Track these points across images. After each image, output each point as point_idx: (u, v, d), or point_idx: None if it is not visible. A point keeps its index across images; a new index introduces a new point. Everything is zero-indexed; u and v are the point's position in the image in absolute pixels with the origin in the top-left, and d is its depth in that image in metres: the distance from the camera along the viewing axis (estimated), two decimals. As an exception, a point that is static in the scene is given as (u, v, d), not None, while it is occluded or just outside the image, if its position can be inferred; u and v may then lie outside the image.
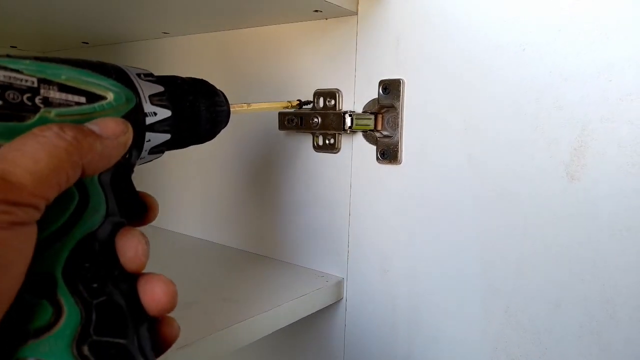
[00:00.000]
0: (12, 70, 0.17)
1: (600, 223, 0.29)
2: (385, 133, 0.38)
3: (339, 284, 0.41)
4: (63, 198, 0.18)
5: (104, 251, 0.19)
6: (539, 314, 0.32)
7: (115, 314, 0.18)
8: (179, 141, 0.26)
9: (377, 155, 0.39)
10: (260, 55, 0.46)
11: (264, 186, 0.47)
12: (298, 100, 0.41)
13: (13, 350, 0.16)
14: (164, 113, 0.24)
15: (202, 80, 0.29)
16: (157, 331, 0.21)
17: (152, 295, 0.19)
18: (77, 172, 0.17)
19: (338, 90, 0.41)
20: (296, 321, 0.38)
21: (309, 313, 0.39)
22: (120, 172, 0.22)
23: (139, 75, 0.23)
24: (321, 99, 0.41)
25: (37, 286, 0.17)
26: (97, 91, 0.20)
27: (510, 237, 0.33)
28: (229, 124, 0.31)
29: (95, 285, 0.18)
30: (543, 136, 0.31)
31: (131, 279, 0.20)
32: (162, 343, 0.21)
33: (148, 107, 0.23)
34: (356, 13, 0.39)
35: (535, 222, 0.32)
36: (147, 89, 0.23)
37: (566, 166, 0.30)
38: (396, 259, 0.38)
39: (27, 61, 0.18)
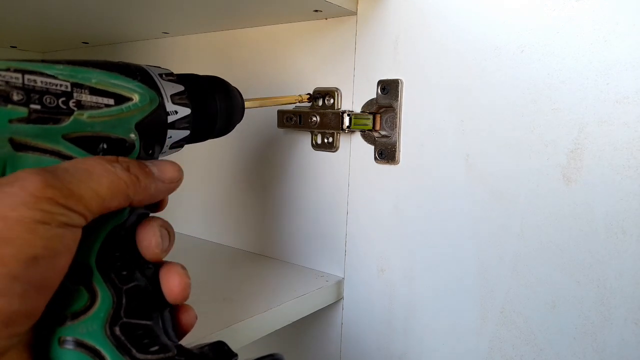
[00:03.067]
0: (48, 76, 0.19)
1: (596, 225, 0.29)
2: (383, 133, 0.38)
3: (339, 284, 0.42)
4: None
5: (131, 241, 0.21)
6: (534, 315, 0.32)
7: (143, 298, 0.20)
8: (197, 136, 0.27)
9: (375, 155, 0.39)
10: (259, 55, 0.47)
11: (263, 184, 0.48)
12: (308, 94, 0.42)
13: (53, 331, 0.18)
14: (184, 111, 0.25)
15: (218, 77, 0.31)
16: (176, 318, 0.23)
17: (168, 284, 0.21)
18: (126, 202, 0.20)
19: (337, 89, 0.41)
20: (293, 321, 0.38)
21: (309, 313, 0.39)
22: None
23: (160, 75, 0.24)
24: (320, 98, 0.42)
25: (75, 275, 0.19)
26: (124, 93, 0.21)
27: (507, 238, 0.33)
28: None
29: (124, 272, 0.20)
30: (540, 138, 0.31)
31: (154, 267, 0.22)
32: (181, 328, 0.23)
33: (170, 107, 0.24)
34: (355, 13, 0.39)
35: (532, 223, 0.32)
36: (168, 89, 0.24)
37: (563, 168, 0.30)
38: (393, 259, 0.39)
39: (61, 66, 0.20)
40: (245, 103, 0.32)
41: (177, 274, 0.22)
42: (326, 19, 0.41)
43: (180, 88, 0.25)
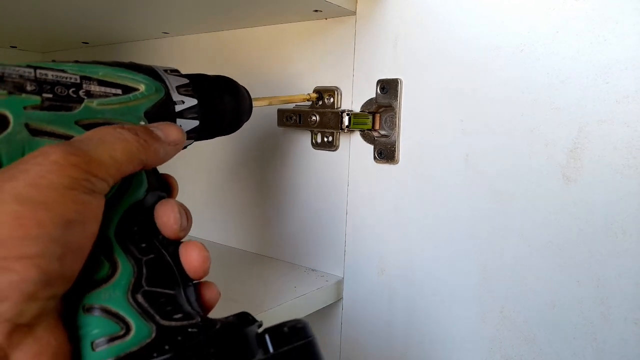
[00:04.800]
0: (57, 70, 0.21)
1: (595, 224, 0.29)
2: (382, 132, 0.38)
3: (339, 284, 0.42)
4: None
5: (148, 218, 0.22)
6: (534, 314, 0.32)
7: (163, 269, 0.21)
8: (206, 130, 0.29)
9: (374, 154, 0.39)
10: (259, 55, 0.47)
11: (262, 183, 0.48)
12: (316, 93, 0.42)
13: (79, 299, 0.19)
14: (190, 102, 0.26)
15: (226, 77, 0.32)
16: (199, 293, 0.23)
17: (188, 258, 0.22)
18: (140, 165, 0.21)
19: (337, 88, 0.41)
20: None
21: (309, 313, 0.39)
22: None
23: (165, 70, 0.26)
24: (320, 97, 0.42)
25: (96, 245, 0.19)
26: (130, 84, 0.23)
27: (506, 237, 0.33)
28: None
29: (143, 245, 0.21)
30: (540, 137, 0.31)
31: (175, 243, 0.23)
32: (205, 304, 0.23)
33: (176, 96, 0.26)
34: (355, 13, 0.39)
35: (531, 223, 0.32)
36: (174, 81, 0.26)
37: (562, 168, 0.30)
38: (393, 259, 0.39)
39: (69, 64, 0.22)
40: (254, 102, 0.34)
41: (196, 248, 0.22)
42: (326, 18, 0.41)
43: (185, 81, 0.27)
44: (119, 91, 0.23)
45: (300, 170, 0.44)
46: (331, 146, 0.42)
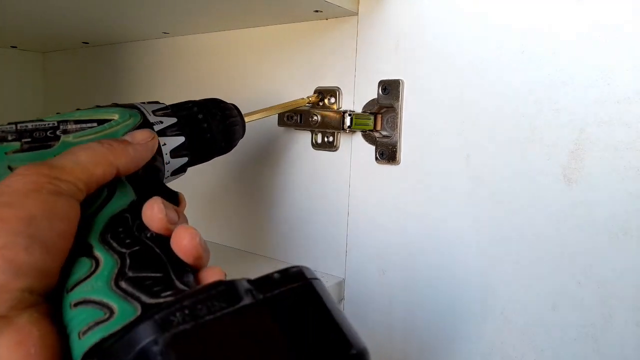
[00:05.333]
0: (37, 121, 0.23)
1: (597, 226, 0.29)
2: (384, 133, 0.38)
3: (340, 284, 0.42)
4: (95, 193, 0.22)
5: (135, 219, 0.22)
6: (535, 315, 0.32)
7: (149, 256, 0.21)
8: (197, 146, 0.30)
9: (376, 155, 0.39)
10: (260, 55, 0.46)
11: (262, 184, 0.48)
12: (316, 94, 0.42)
13: (66, 300, 0.19)
14: (169, 120, 0.29)
15: (213, 98, 0.34)
16: (200, 278, 0.22)
17: (179, 242, 0.22)
18: (112, 169, 0.22)
19: (338, 88, 0.41)
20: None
21: (309, 313, 0.39)
22: (149, 172, 0.27)
23: (143, 102, 0.28)
24: (321, 98, 0.42)
25: (77, 251, 0.20)
26: (104, 117, 0.25)
27: (507, 238, 0.33)
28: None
29: (128, 240, 0.21)
30: (541, 138, 0.31)
31: (165, 237, 0.22)
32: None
33: (153, 118, 0.28)
34: (356, 13, 0.39)
35: (532, 224, 0.32)
36: (150, 107, 0.28)
37: (564, 169, 0.30)
38: (394, 260, 0.39)
39: (50, 116, 0.24)
40: (246, 117, 0.35)
41: (187, 232, 0.22)
42: (327, 19, 0.41)
43: (162, 105, 0.29)
44: (94, 124, 0.24)
45: (300, 171, 0.44)
46: (332, 146, 0.42)
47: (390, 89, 0.37)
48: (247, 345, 0.15)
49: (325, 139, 0.42)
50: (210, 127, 0.32)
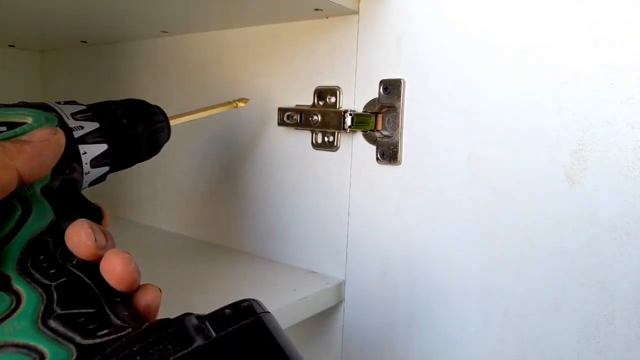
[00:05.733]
0: None
1: (599, 227, 0.29)
2: (385, 133, 0.38)
3: (340, 286, 0.41)
4: (6, 211, 0.19)
5: (58, 244, 0.20)
6: (537, 317, 0.32)
7: (79, 289, 0.18)
8: (120, 153, 0.28)
9: (376, 155, 0.39)
10: (260, 54, 0.46)
11: (262, 184, 0.47)
12: (244, 98, 0.42)
13: None
14: (91, 126, 0.26)
15: (132, 99, 0.31)
16: (134, 301, 0.20)
17: (110, 269, 0.19)
18: (10, 173, 0.19)
19: (339, 87, 0.41)
20: (293, 323, 0.38)
21: (310, 315, 0.39)
22: (67, 186, 0.23)
23: (59, 102, 0.25)
24: (321, 97, 0.41)
25: None
26: (15, 120, 0.22)
27: (509, 239, 0.33)
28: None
29: (52, 271, 0.19)
30: (543, 139, 0.31)
31: (93, 264, 0.20)
32: (143, 311, 0.20)
33: (72, 123, 0.25)
34: (357, 12, 0.39)
35: (535, 225, 0.31)
36: (68, 110, 0.25)
37: (566, 169, 0.30)
38: (395, 261, 0.38)
39: None
40: (171, 121, 0.33)
41: (119, 258, 0.19)
42: (327, 17, 0.41)
43: (82, 107, 0.26)
44: (4, 128, 0.21)
45: (300, 171, 0.44)
46: (332, 146, 0.41)
47: (391, 88, 0.37)
48: None
49: (326, 139, 0.42)
50: (135, 132, 0.29)
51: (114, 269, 0.19)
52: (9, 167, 0.19)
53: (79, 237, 0.19)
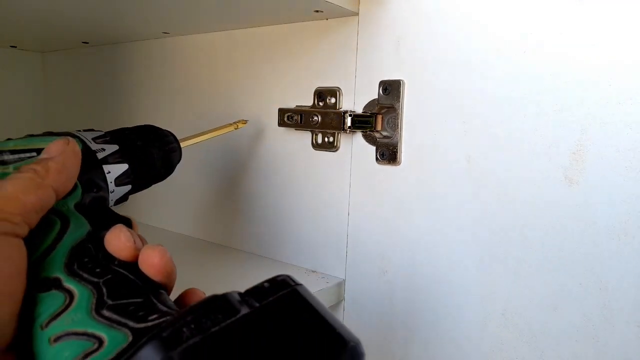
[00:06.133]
0: None
1: (598, 227, 0.29)
2: (384, 134, 0.38)
3: (340, 285, 0.42)
4: (47, 225, 0.21)
5: (98, 249, 0.22)
6: (535, 316, 0.32)
7: (126, 284, 0.20)
8: (140, 172, 0.30)
9: (376, 155, 0.39)
10: (260, 55, 0.46)
11: (263, 183, 0.47)
12: (244, 120, 0.45)
13: (42, 340, 0.18)
14: (111, 148, 0.28)
15: (145, 124, 0.34)
16: (182, 300, 0.22)
17: (150, 262, 0.21)
18: (46, 191, 0.21)
19: (339, 88, 0.41)
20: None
21: (309, 314, 0.39)
22: (96, 202, 0.26)
23: (79, 130, 0.28)
24: (321, 97, 0.41)
25: (44, 285, 0.19)
26: (43, 145, 0.24)
27: (508, 239, 0.33)
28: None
29: (98, 270, 0.20)
30: (542, 139, 0.31)
31: (133, 263, 0.22)
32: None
33: (94, 146, 0.28)
34: (357, 13, 0.39)
35: (533, 224, 0.32)
36: (89, 135, 0.28)
37: (565, 169, 0.30)
38: (394, 260, 0.38)
39: None
40: (182, 143, 0.36)
41: (155, 251, 0.21)
42: (327, 19, 0.41)
43: (100, 133, 0.29)
44: (34, 153, 0.24)
45: (300, 171, 0.44)
46: (332, 147, 0.42)
47: (391, 89, 0.37)
48: (255, 350, 0.16)
49: (326, 139, 0.42)
50: (150, 152, 0.32)
51: (152, 261, 0.20)
52: (43, 187, 0.21)
53: (119, 240, 0.21)
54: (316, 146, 0.43)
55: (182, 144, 0.36)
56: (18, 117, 0.71)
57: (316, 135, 0.43)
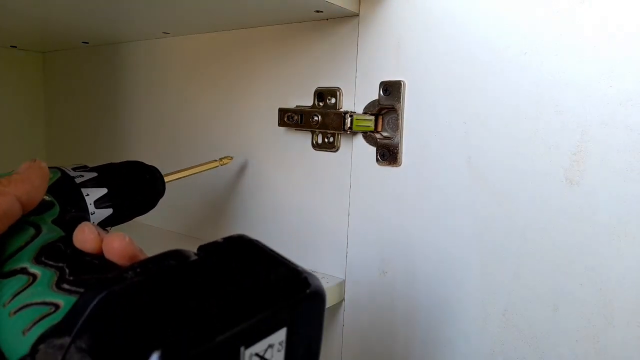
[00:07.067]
0: None
1: (598, 228, 0.29)
2: (385, 134, 0.38)
3: (340, 285, 0.42)
4: (20, 230, 0.22)
5: (68, 248, 0.22)
6: (536, 317, 0.32)
7: (89, 266, 0.21)
8: (119, 197, 0.32)
9: (377, 156, 0.39)
10: (260, 55, 0.46)
11: (263, 183, 0.47)
12: (229, 157, 0.46)
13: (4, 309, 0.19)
14: (89, 175, 0.31)
15: (132, 160, 0.36)
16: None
17: (111, 246, 0.21)
18: (8, 199, 0.22)
19: (339, 88, 0.41)
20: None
21: (309, 314, 0.39)
22: (76, 220, 0.26)
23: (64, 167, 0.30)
24: (321, 98, 0.41)
25: (11, 274, 0.20)
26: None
27: (509, 240, 0.33)
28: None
29: (64, 258, 0.21)
30: (543, 140, 0.31)
31: (99, 255, 0.22)
32: None
33: (73, 173, 0.30)
34: (357, 14, 0.39)
35: (534, 225, 0.32)
36: (69, 166, 0.30)
37: (565, 171, 0.30)
38: (395, 261, 0.38)
39: None
40: (165, 178, 0.38)
41: (115, 236, 0.22)
42: (327, 19, 0.41)
43: (81, 164, 0.31)
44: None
45: (300, 171, 0.44)
46: (332, 147, 0.42)
47: (391, 90, 0.37)
48: (202, 290, 0.16)
49: (326, 140, 0.42)
50: (131, 179, 0.34)
51: (112, 245, 0.21)
52: (5, 193, 0.22)
53: (83, 233, 0.22)
54: (316, 146, 0.43)
55: (165, 179, 0.38)
56: (18, 117, 0.71)
57: (316, 135, 0.43)
